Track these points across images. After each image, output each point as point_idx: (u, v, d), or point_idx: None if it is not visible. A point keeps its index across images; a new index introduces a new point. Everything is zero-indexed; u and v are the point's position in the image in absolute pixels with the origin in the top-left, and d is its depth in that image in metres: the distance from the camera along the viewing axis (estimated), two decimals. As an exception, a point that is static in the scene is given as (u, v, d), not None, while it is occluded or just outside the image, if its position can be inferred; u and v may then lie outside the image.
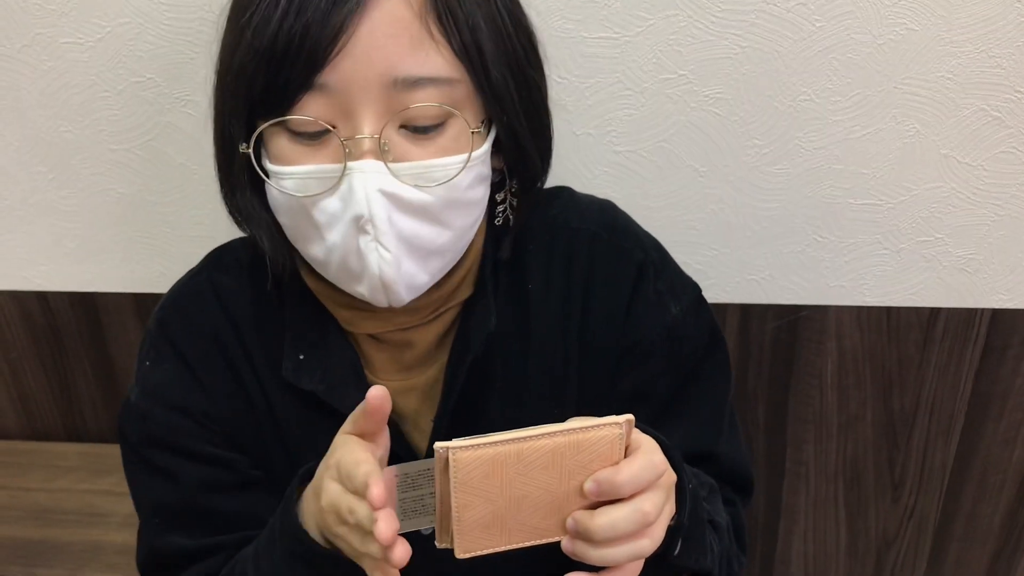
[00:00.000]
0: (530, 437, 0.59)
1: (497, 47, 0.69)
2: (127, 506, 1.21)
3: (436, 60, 0.65)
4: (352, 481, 0.60)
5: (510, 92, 0.70)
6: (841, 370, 1.22)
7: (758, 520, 1.35)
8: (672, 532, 0.67)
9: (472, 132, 0.68)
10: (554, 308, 0.82)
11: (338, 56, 0.63)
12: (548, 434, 0.59)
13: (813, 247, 1.13)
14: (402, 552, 0.57)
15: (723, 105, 1.05)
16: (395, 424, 0.80)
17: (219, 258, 0.87)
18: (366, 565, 0.63)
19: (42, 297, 1.28)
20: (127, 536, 1.16)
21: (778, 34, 1.00)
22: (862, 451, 1.28)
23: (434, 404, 0.81)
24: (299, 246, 0.74)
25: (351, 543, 0.62)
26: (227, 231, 0.90)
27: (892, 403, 1.24)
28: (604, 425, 0.60)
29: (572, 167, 1.10)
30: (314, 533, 0.68)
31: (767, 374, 1.23)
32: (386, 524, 0.56)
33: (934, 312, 1.16)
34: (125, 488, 1.24)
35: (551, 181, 0.83)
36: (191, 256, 0.89)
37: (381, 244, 0.67)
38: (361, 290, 0.71)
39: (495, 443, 0.58)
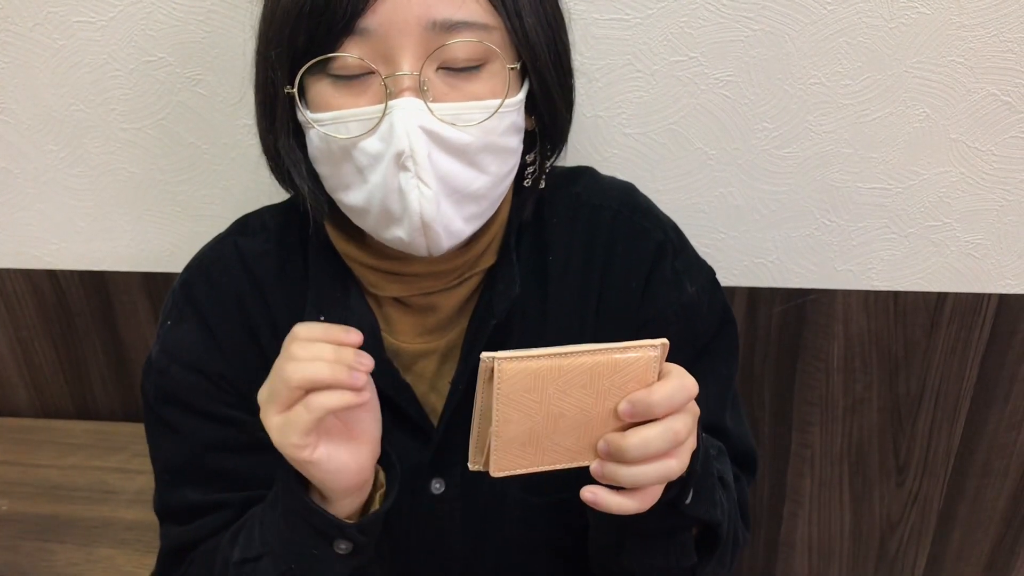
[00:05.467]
0: (571, 353, 0.61)
1: None
2: (137, 483, 1.23)
3: (472, 5, 0.68)
4: (328, 333, 0.68)
5: (541, 41, 0.72)
6: (847, 354, 1.22)
7: (763, 502, 1.36)
8: (684, 480, 0.69)
9: (509, 69, 0.70)
10: (573, 280, 0.84)
11: (377, 1, 0.65)
12: (588, 352, 0.61)
13: (821, 231, 1.13)
14: (369, 360, 0.67)
15: (733, 88, 1.05)
16: (411, 387, 0.82)
17: (245, 223, 0.89)
18: (332, 400, 0.66)
19: (53, 275, 1.28)
20: (137, 512, 1.17)
21: (789, 17, 1.00)
22: (867, 435, 1.28)
23: (452, 367, 0.83)
24: (338, 196, 0.75)
25: (311, 403, 0.65)
26: (237, 211, 0.91)
27: (898, 387, 1.24)
28: (640, 347, 0.62)
29: (582, 149, 1.10)
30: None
31: (774, 357, 1.24)
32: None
33: (941, 297, 1.17)
34: (135, 465, 1.27)
35: (565, 163, 0.84)
36: (201, 235, 0.90)
37: (422, 180, 0.68)
38: (400, 234, 0.71)
39: (538, 356, 0.60)
